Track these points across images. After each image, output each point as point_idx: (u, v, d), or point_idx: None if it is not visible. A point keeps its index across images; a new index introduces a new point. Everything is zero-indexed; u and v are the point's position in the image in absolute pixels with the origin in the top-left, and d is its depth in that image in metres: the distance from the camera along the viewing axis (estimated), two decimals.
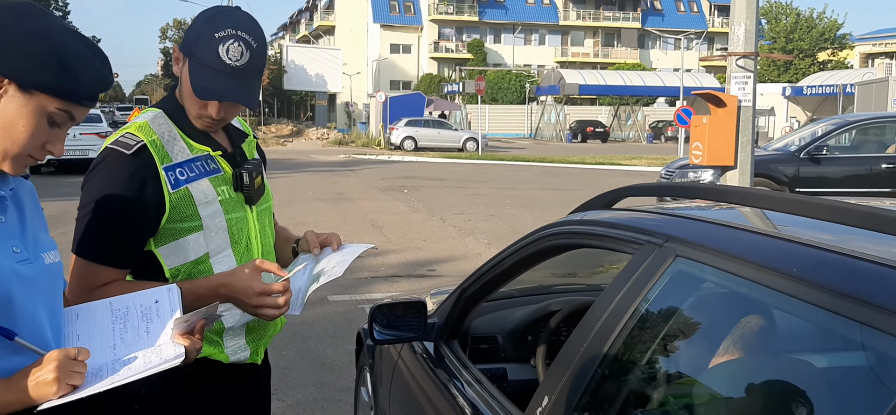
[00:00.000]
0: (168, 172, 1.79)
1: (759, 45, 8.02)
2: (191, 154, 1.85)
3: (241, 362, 1.98)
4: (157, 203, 1.78)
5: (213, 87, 1.78)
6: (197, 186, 1.83)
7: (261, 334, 2.03)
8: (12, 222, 1.40)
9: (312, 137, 39.76)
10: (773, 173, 11.13)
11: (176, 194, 1.79)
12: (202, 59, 1.77)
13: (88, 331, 1.48)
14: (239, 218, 1.91)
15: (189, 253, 1.83)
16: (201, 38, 1.78)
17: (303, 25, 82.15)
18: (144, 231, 1.80)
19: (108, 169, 1.77)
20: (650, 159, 28.54)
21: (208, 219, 1.84)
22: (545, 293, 3.09)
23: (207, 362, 1.90)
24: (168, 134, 1.84)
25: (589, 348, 1.68)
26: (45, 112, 1.37)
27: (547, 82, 51.04)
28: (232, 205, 1.89)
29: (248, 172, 1.92)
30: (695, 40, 58.79)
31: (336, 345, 5.74)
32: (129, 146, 1.76)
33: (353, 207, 13.92)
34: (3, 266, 1.33)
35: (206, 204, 1.83)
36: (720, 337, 1.54)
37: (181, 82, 1.86)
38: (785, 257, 1.39)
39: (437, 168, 24.46)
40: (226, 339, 1.93)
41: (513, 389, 2.59)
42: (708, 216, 1.79)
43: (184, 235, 1.82)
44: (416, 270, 8.54)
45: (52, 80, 1.36)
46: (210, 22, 1.79)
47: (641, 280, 1.65)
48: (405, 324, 2.55)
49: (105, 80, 1.43)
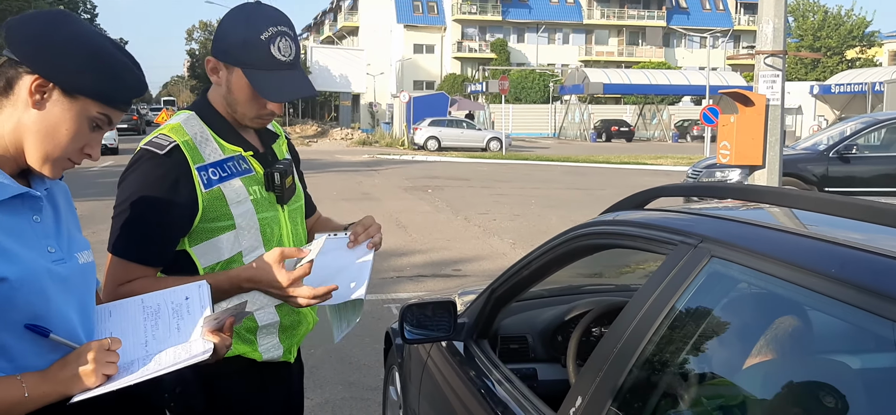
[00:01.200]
0: (201, 172, 1.82)
1: (786, 43, 7.94)
2: (223, 154, 1.88)
3: (274, 359, 2.00)
4: (189, 203, 1.81)
5: (281, 86, 1.82)
6: (229, 185, 1.86)
7: (293, 331, 2.05)
8: (47, 222, 1.44)
9: (337, 138, 39.93)
10: (802, 173, 11.01)
11: (209, 194, 1.82)
12: (258, 64, 1.80)
13: (121, 328, 1.51)
14: (271, 217, 1.94)
15: (223, 252, 1.86)
16: (249, 44, 1.80)
17: (327, 26, 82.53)
18: (177, 230, 1.83)
19: (142, 169, 1.80)
20: (676, 159, 28.34)
21: (241, 218, 1.86)
22: (574, 294, 3.09)
23: (241, 360, 1.93)
24: (201, 135, 1.87)
25: (623, 349, 1.68)
26: (87, 116, 1.42)
27: (571, 81, 50.82)
28: (264, 204, 1.92)
29: (280, 171, 1.95)
30: (721, 38, 58.24)
31: (364, 344, 5.77)
32: (162, 147, 1.80)
33: (377, 206, 13.96)
34: (38, 265, 1.37)
35: (239, 203, 1.86)
36: (755, 338, 1.54)
37: (230, 90, 1.88)
38: (822, 257, 1.38)
39: (461, 168, 24.47)
40: (259, 337, 1.96)
41: (543, 389, 2.60)
42: (741, 216, 1.78)
43: (217, 235, 1.85)
44: (441, 270, 8.56)
45: (97, 85, 1.41)
46: (250, 25, 1.81)
47: (676, 281, 1.65)
48: (435, 323, 2.57)
49: (143, 85, 1.48)
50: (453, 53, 66.02)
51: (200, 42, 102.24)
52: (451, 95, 45.31)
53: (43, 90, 1.39)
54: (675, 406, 1.61)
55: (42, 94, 1.39)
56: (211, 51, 1.88)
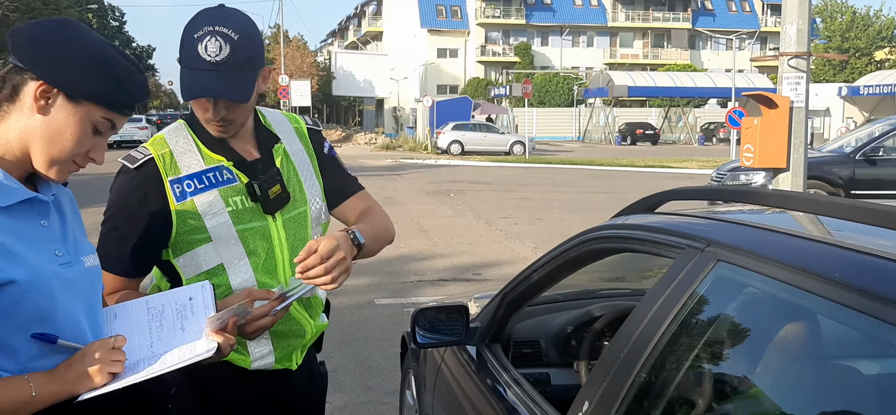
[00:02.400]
0: (173, 185, 1.84)
1: (813, 45, 7.86)
2: (204, 165, 1.88)
3: (265, 368, 1.97)
4: (162, 216, 1.83)
5: (192, 84, 1.78)
6: (203, 197, 1.85)
7: (289, 339, 2.00)
8: (54, 227, 1.47)
9: (360, 142, 40.10)
10: (828, 175, 10.88)
11: (181, 207, 1.83)
12: (184, 62, 1.78)
13: (127, 329, 1.54)
14: (256, 228, 1.90)
15: (201, 264, 1.87)
16: (184, 43, 1.78)
17: (351, 32, 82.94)
18: (150, 243, 1.85)
19: (116, 183, 1.86)
20: (701, 162, 28.10)
21: (216, 230, 1.85)
22: (589, 298, 3.08)
23: (233, 367, 1.93)
24: (184, 145, 1.88)
25: (629, 354, 1.67)
26: (91, 121, 1.45)
27: (595, 84, 50.62)
28: (248, 215, 1.90)
29: (261, 183, 1.90)
30: (747, 40, 57.69)
31: (383, 348, 5.79)
32: (135, 160, 1.85)
33: (400, 211, 14.00)
34: (46, 269, 1.39)
35: (213, 215, 1.85)
36: (762, 343, 1.52)
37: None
38: (827, 262, 1.36)
39: (484, 172, 24.45)
40: (250, 345, 1.94)
41: (556, 394, 2.59)
42: (750, 220, 1.77)
43: (194, 247, 1.86)
44: (462, 274, 8.56)
45: (101, 90, 1.44)
46: (190, 25, 1.79)
47: (682, 285, 1.64)
48: (448, 328, 2.57)
49: (145, 90, 1.51)
50: (477, 57, 66.01)
51: None
52: (474, 100, 45.30)
53: (47, 96, 1.41)
54: (681, 411, 1.60)
55: (47, 100, 1.41)
56: None
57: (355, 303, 6.96)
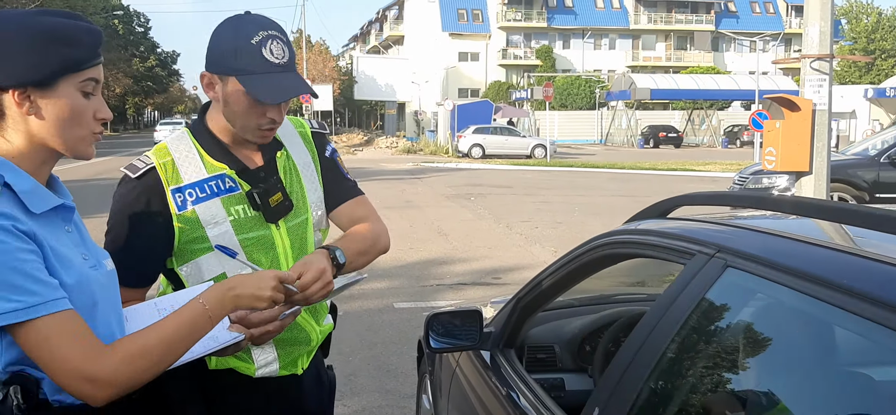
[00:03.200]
0: (175, 194, 1.82)
1: (838, 46, 7.78)
2: (206, 174, 1.86)
3: (270, 375, 1.97)
4: (164, 225, 1.82)
5: (276, 87, 1.77)
6: (205, 207, 1.84)
7: (293, 345, 1.99)
8: (75, 232, 1.48)
9: (382, 146, 40.22)
10: (852, 179, 10.74)
11: (183, 216, 1.83)
12: (251, 68, 1.76)
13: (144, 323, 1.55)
14: (260, 237, 1.89)
15: (204, 273, 1.86)
16: (241, 50, 1.76)
17: (373, 36, 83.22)
18: (153, 252, 1.85)
19: (118, 192, 1.86)
20: (724, 165, 27.88)
21: (217, 239, 1.84)
22: (604, 303, 3.07)
23: (237, 374, 1.92)
24: (186, 154, 1.87)
25: (639, 360, 1.67)
26: (77, 90, 1.42)
27: (617, 87, 50.39)
28: (250, 224, 1.88)
29: (260, 192, 1.88)
30: (771, 42, 57.12)
31: (401, 352, 5.80)
32: (137, 169, 1.84)
33: (420, 214, 14.03)
34: (86, 272, 1.42)
35: (215, 225, 1.84)
36: (771, 349, 1.52)
37: (227, 103, 1.84)
38: (837, 268, 1.36)
39: (505, 175, 24.43)
40: (254, 353, 1.93)
41: (570, 399, 2.59)
42: (761, 226, 1.76)
43: (197, 256, 1.86)
44: (481, 279, 8.56)
45: (64, 60, 1.39)
46: (240, 32, 1.79)
47: (692, 291, 1.64)
48: (461, 333, 2.57)
49: (99, 34, 1.47)
50: (498, 61, 65.95)
51: None
52: (495, 103, 45.26)
53: (25, 97, 1.39)
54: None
55: (29, 101, 1.39)
56: (205, 66, 1.86)
57: (374, 307, 6.99)
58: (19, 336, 1.30)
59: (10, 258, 1.28)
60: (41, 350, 1.30)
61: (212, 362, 1.89)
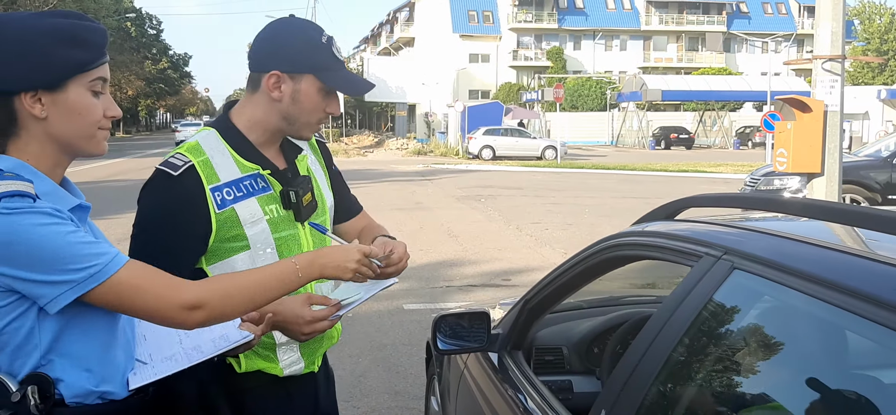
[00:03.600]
0: (214, 193, 1.82)
1: (850, 47, 7.75)
2: (240, 173, 1.87)
3: (296, 374, 1.99)
4: (203, 223, 1.81)
5: (351, 82, 1.94)
6: (243, 206, 1.85)
7: (315, 345, 2.04)
8: (90, 233, 1.49)
9: (392, 148, 40.24)
10: (864, 180, 10.68)
11: (222, 215, 1.82)
12: (329, 66, 1.89)
13: (154, 328, 1.57)
14: (289, 235, 1.92)
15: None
16: (316, 48, 1.87)
17: (383, 38, 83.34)
18: (190, 250, 1.84)
19: (156, 189, 1.83)
20: (736, 166, 27.76)
21: (255, 238, 1.86)
22: (613, 305, 3.07)
23: (263, 375, 1.94)
24: (218, 154, 1.87)
25: (645, 362, 1.67)
26: (86, 90, 1.44)
27: (628, 88, 50.22)
28: (281, 223, 1.91)
29: (296, 190, 1.93)
30: (783, 43, 56.79)
31: (411, 353, 5.81)
32: (177, 167, 1.80)
33: (430, 216, 14.03)
34: None
35: (253, 223, 1.86)
36: (778, 352, 1.51)
37: (295, 100, 1.89)
38: (844, 271, 1.35)
39: (515, 177, 24.40)
40: (279, 353, 1.95)
41: (578, 401, 2.59)
42: (768, 228, 1.76)
43: (231, 255, 1.86)
44: (491, 280, 8.55)
45: (73, 62, 1.41)
46: (309, 33, 1.89)
47: (699, 293, 1.63)
48: (469, 334, 2.58)
49: (104, 33, 1.48)
50: (509, 62, 65.90)
51: None
52: (506, 104, 45.21)
53: (37, 100, 1.40)
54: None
55: (40, 104, 1.40)
56: (266, 67, 1.87)
57: (384, 308, 7.00)
58: (105, 298, 1.36)
59: (66, 236, 1.33)
60: (133, 299, 1.38)
61: (242, 366, 1.90)
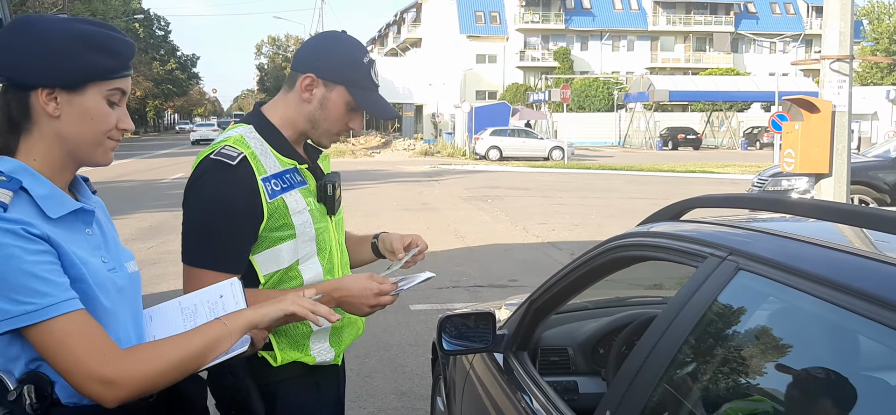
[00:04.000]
0: (265, 183, 1.88)
1: (859, 47, 7.73)
2: (280, 167, 1.94)
3: (326, 363, 2.06)
4: (257, 212, 1.87)
5: (380, 105, 2.04)
6: (290, 196, 1.93)
7: (344, 335, 2.12)
8: (97, 235, 1.50)
9: (399, 148, 40.24)
10: (873, 181, 10.63)
11: (273, 204, 1.89)
12: (363, 84, 1.99)
13: (163, 330, 1.57)
14: (323, 228, 2.01)
15: (282, 261, 1.93)
16: (357, 65, 1.99)
17: (390, 39, 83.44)
18: (249, 239, 1.89)
19: (214, 179, 1.86)
20: (744, 167, 27.67)
21: (300, 227, 1.93)
22: (619, 305, 3.06)
23: (297, 366, 1.99)
24: (260, 148, 1.93)
25: (650, 363, 1.67)
26: (102, 98, 1.45)
27: (636, 89, 50.10)
28: (318, 215, 2.00)
29: (332, 183, 2.04)
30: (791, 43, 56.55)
31: (417, 354, 5.81)
32: (233, 157, 1.86)
33: (436, 216, 14.03)
34: (103, 275, 1.43)
35: (299, 213, 1.93)
36: (783, 353, 1.51)
37: (324, 107, 1.99)
38: (850, 272, 1.35)
39: (522, 177, 24.38)
40: (312, 342, 2.02)
41: (583, 402, 2.58)
42: (774, 229, 1.75)
43: (278, 243, 1.92)
44: (497, 281, 8.55)
45: (95, 67, 1.43)
46: (356, 50, 2.01)
47: (704, 294, 1.63)
48: (475, 334, 2.57)
49: (132, 46, 1.50)
50: (516, 63, 65.85)
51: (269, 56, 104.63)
52: (513, 105, 45.18)
53: (52, 98, 1.42)
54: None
55: (55, 102, 1.42)
56: (305, 69, 1.98)
57: (390, 309, 6.96)
58: (34, 338, 1.32)
59: (20, 262, 1.30)
60: (55, 352, 1.32)
61: (278, 359, 1.96)
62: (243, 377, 1.87)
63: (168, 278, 8.14)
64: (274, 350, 1.95)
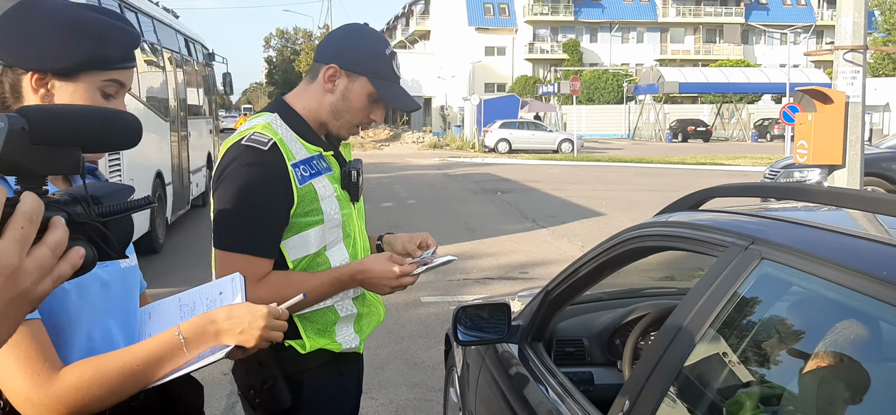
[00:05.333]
0: (295, 169, 1.89)
1: (871, 38, 7.66)
2: (307, 153, 1.95)
3: (351, 350, 2.07)
4: (289, 197, 1.88)
5: (404, 97, 2.04)
6: (318, 182, 1.94)
7: (367, 323, 2.13)
8: None
9: (408, 141, 40.22)
10: (887, 172, 10.56)
11: (303, 189, 1.90)
12: (385, 76, 1.99)
13: (161, 327, 1.47)
14: (349, 213, 2.03)
15: (310, 246, 1.94)
16: (379, 57, 1.99)
17: (399, 31, 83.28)
18: (282, 222, 1.90)
19: (247, 164, 1.86)
20: (754, 159, 27.54)
21: (328, 213, 1.95)
22: (634, 296, 3.04)
23: (324, 354, 2.00)
24: (287, 135, 1.94)
25: (669, 354, 1.65)
26: (97, 88, 1.40)
27: (645, 81, 49.90)
28: (343, 201, 2.01)
29: (356, 170, 2.05)
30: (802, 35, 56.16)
31: (429, 346, 5.81)
32: (264, 143, 1.86)
33: (446, 209, 14.02)
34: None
35: (327, 199, 1.95)
36: (807, 343, 1.49)
37: (346, 97, 1.99)
38: (876, 260, 1.33)
39: (532, 170, 24.33)
40: (338, 328, 2.02)
41: (599, 393, 2.57)
42: (796, 217, 1.73)
43: (307, 229, 1.93)
44: (508, 273, 8.54)
45: (88, 56, 1.38)
46: (378, 41, 2.02)
47: (725, 284, 1.61)
48: (489, 326, 2.56)
49: (134, 37, 1.44)
50: (525, 55, 65.63)
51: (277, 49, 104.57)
52: (522, 97, 45.07)
53: (44, 83, 1.37)
54: (723, 413, 1.57)
55: (46, 87, 1.37)
56: (328, 60, 1.98)
57: (402, 301, 7.00)
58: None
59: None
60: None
61: (306, 346, 1.96)
62: (272, 368, 1.89)
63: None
64: (302, 338, 1.96)
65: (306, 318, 1.96)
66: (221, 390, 4.81)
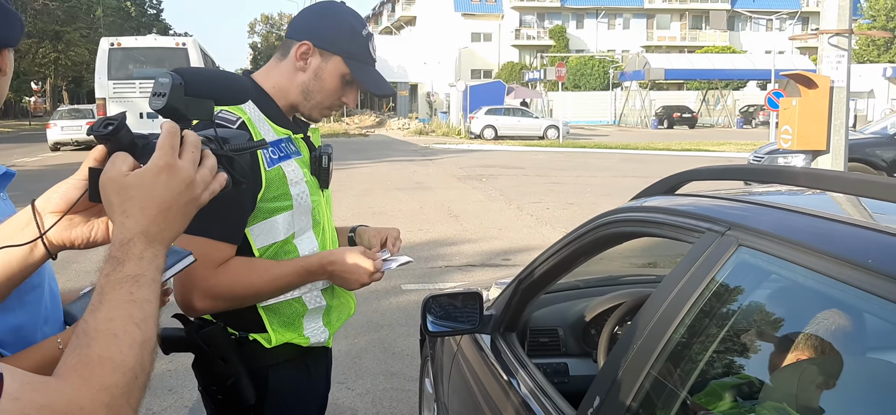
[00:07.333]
0: (263, 151, 1.80)
1: (856, 24, 7.60)
2: (275, 135, 1.86)
3: (319, 344, 1.98)
4: (256, 180, 1.78)
5: (378, 79, 1.95)
6: (287, 165, 1.84)
7: (337, 315, 2.04)
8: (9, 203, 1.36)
9: (394, 128, 40.04)
10: (870, 158, 10.55)
11: (271, 172, 1.80)
12: (361, 57, 1.91)
13: None
14: (317, 201, 1.94)
15: (278, 233, 1.85)
16: (355, 37, 1.89)
17: (385, 17, 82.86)
18: (248, 207, 1.79)
19: None
20: (740, 145, 27.59)
21: (297, 198, 1.85)
22: (611, 284, 2.95)
23: (290, 348, 1.91)
24: (255, 115, 1.85)
25: (644, 345, 1.56)
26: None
27: (631, 67, 49.90)
28: (313, 187, 1.92)
29: (327, 155, 1.97)
30: (788, 21, 56.27)
31: (408, 334, 5.71)
32: (231, 121, 1.77)
33: (430, 195, 13.92)
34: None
35: (296, 183, 1.85)
36: (785, 332, 1.40)
37: (318, 77, 1.90)
38: (857, 246, 1.24)
39: (517, 156, 24.26)
40: (306, 321, 1.93)
41: (575, 385, 2.48)
42: (776, 202, 1.64)
43: (275, 215, 1.83)
44: (491, 260, 8.45)
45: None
46: (355, 21, 1.90)
47: (701, 271, 1.52)
48: (461, 315, 2.47)
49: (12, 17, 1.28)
50: (511, 41, 65.52)
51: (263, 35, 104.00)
52: (508, 84, 44.97)
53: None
54: (698, 407, 1.48)
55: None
56: (301, 36, 1.88)
57: (382, 289, 6.90)
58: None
59: None
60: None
61: (272, 340, 1.87)
62: (234, 363, 1.80)
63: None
64: (267, 331, 1.86)
65: (272, 309, 1.87)
66: (193, 381, 4.70)
